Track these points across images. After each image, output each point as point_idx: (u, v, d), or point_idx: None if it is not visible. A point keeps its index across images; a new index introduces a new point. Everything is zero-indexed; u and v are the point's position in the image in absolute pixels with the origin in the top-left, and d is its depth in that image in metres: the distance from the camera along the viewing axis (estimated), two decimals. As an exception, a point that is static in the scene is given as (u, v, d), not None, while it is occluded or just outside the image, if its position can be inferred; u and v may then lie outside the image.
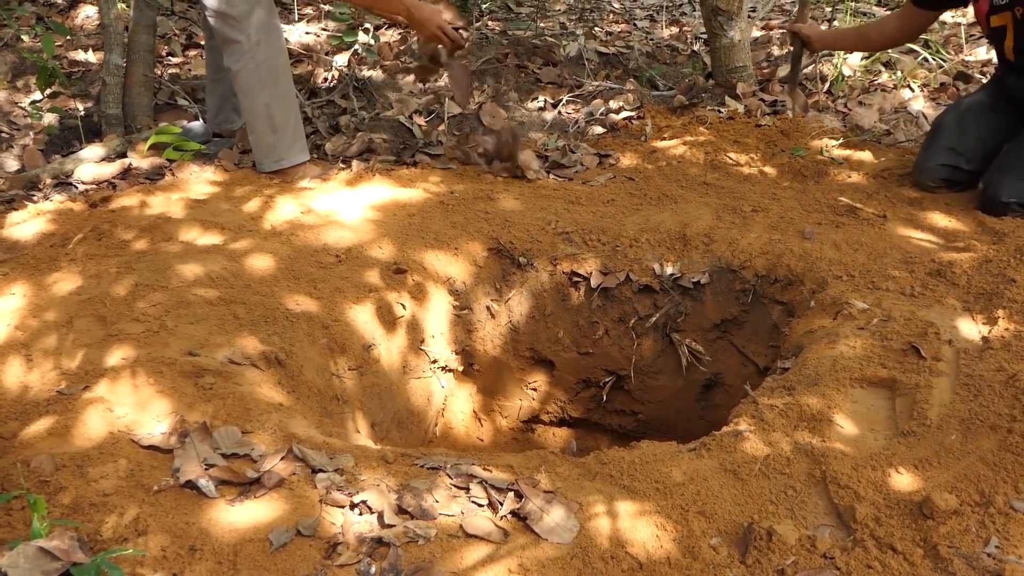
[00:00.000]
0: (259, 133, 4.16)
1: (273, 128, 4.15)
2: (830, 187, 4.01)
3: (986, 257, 3.30)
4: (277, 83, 4.11)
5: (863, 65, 5.49)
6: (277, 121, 4.14)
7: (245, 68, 4.01)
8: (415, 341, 3.51)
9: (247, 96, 4.10)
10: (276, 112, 4.13)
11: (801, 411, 2.57)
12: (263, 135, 4.16)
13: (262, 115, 4.11)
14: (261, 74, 4.04)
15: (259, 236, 3.57)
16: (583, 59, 5.84)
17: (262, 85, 4.05)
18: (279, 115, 4.14)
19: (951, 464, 2.33)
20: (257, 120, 4.13)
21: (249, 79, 4.04)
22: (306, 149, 4.28)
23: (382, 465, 2.34)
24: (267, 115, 4.11)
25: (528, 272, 3.77)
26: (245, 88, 4.07)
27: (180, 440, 2.32)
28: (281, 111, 4.15)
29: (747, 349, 3.67)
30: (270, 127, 4.14)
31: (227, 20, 3.93)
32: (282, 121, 4.16)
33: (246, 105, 4.14)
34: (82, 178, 4.19)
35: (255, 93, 4.07)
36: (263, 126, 4.14)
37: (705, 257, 3.69)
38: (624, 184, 4.22)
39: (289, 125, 4.19)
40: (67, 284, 3.14)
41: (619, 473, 2.36)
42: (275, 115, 4.13)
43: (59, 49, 5.67)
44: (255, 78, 4.04)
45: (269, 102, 4.09)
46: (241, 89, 4.10)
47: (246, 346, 2.86)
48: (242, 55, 3.99)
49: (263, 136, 4.16)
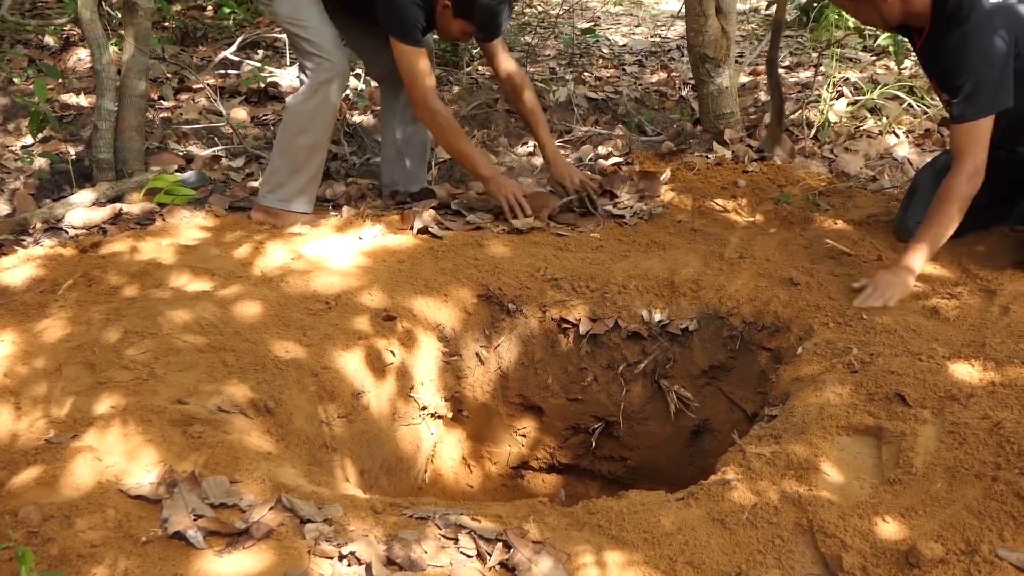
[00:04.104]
0: (278, 167, 4.23)
1: (294, 170, 4.21)
2: (817, 233, 4.04)
3: (972, 305, 3.33)
4: (321, 134, 4.19)
5: (849, 111, 5.55)
6: (300, 165, 4.20)
7: (305, 102, 4.11)
8: (404, 388, 3.51)
9: (288, 129, 4.18)
10: (303, 157, 4.20)
11: (788, 459, 2.58)
12: (280, 171, 4.22)
13: (290, 152, 4.19)
14: (314, 115, 4.12)
15: (249, 282, 3.58)
16: (572, 104, 5.90)
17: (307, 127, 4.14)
18: (305, 161, 4.21)
19: (937, 512, 2.34)
20: (284, 155, 4.21)
21: (301, 115, 4.13)
22: (311, 204, 4.32)
23: (371, 515, 2.34)
24: (294, 155, 4.18)
25: (517, 319, 3.78)
26: (291, 121, 4.17)
27: (168, 490, 2.32)
28: (309, 159, 4.23)
29: (735, 395, 3.68)
30: (292, 167, 4.21)
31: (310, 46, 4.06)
32: (305, 168, 4.23)
33: (282, 136, 4.22)
34: (73, 223, 4.21)
35: (296, 130, 4.16)
36: (286, 163, 4.20)
37: (693, 304, 3.71)
38: (612, 230, 4.25)
39: (308, 175, 4.25)
40: (56, 331, 3.14)
41: (607, 523, 2.36)
42: (301, 159, 4.20)
43: (51, 92, 5.69)
44: (308, 117, 4.13)
45: (305, 145, 4.18)
46: (288, 120, 4.19)
47: (235, 394, 2.86)
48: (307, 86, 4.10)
49: (279, 172, 4.22)
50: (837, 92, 5.78)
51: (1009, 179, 3.69)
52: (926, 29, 3.51)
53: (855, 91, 5.86)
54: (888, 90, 5.62)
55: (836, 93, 5.75)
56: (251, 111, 5.84)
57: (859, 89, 5.84)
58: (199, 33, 7.24)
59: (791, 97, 5.86)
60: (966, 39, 3.35)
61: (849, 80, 6.03)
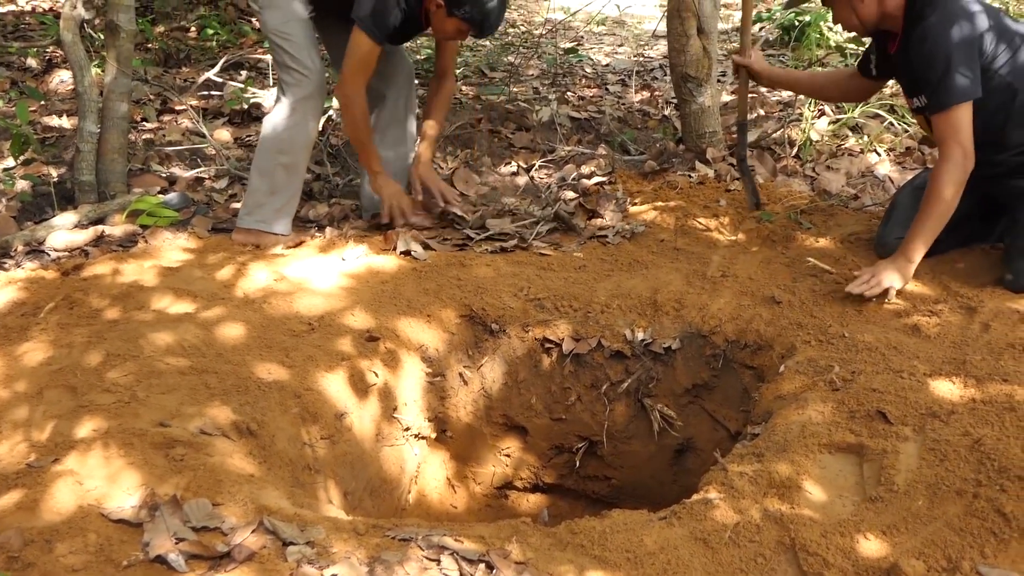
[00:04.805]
0: (256, 187, 4.24)
1: (272, 190, 4.23)
2: (799, 252, 4.06)
3: (952, 323, 3.35)
4: (299, 154, 4.23)
5: (831, 130, 5.58)
6: (279, 186, 4.21)
7: (283, 121, 4.14)
8: (388, 409, 3.51)
9: (266, 149, 4.21)
10: (282, 177, 4.22)
11: (770, 478, 2.59)
12: (259, 191, 4.24)
13: (268, 172, 4.21)
14: (292, 135, 4.15)
15: (231, 304, 3.57)
16: (555, 124, 5.91)
17: (285, 147, 4.18)
18: (284, 181, 4.23)
19: (918, 530, 2.35)
20: (262, 175, 4.23)
21: (279, 135, 4.16)
22: (290, 225, 4.34)
23: (353, 537, 2.34)
24: (272, 175, 4.20)
25: (500, 339, 3.79)
26: (269, 141, 4.20)
27: (150, 513, 2.32)
28: (288, 179, 4.25)
29: (718, 414, 3.69)
30: (270, 187, 4.23)
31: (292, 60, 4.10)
32: (284, 189, 4.25)
33: (259, 156, 4.24)
34: (55, 245, 4.19)
35: (274, 150, 4.19)
36: (265, 183, 4.22)
37: (676, 323, 3.72)
38: (595, 250, 4.26)
39: (287, 195, 4.28)
40: (38, 354, 3.14)
41: (590, 543, 2.37)
42: (280, 179, 4.22)
43: (33, 114, 5.69)
44: (286, 137, 4.16)
45: (283, 164, 4.20)
46: (265, 139, 4.21)
47: (217, 416, 2.86)
48: (284, 104, 4.13)
49: (258, 192, 4.24)
50: (818, 111, 5.81)
51: (990, 196, 3.72)
52: (899, 33, 3.61)
53: (836, 110, 5.89)
54: (869, 109, 5.66)
55: (817, 112, 5.78)
56: (234, 132, 5.84)
57: (840, 108, 5.88)
58: (182, 54, 7.24)
59: (773, 116, 5.90)
60: (931, 31, 3.43)
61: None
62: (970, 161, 3.44)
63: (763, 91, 6.50)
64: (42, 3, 8.26)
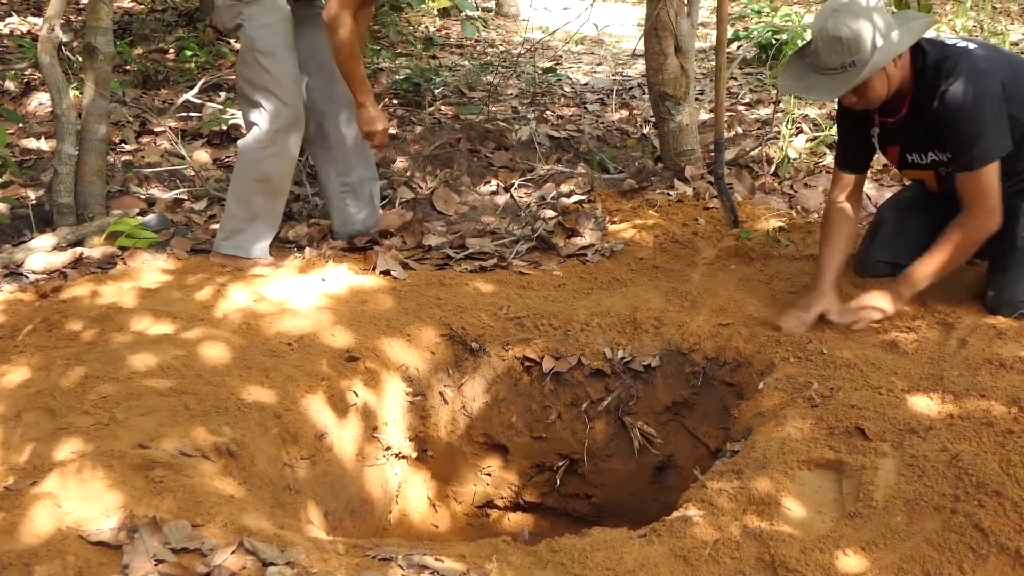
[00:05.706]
0: (234, 214, 4.22)
1: (251, 217, 4.20)
2: (777, 269, 4.08)
3: (930, 338, 3.37)
4: (279, 182, 4.22)
5: (808, 147, 5.61)
6: (257, 212, 4.20)
7: (261, 151, 4.11)
8: (368, 429, 3.51)
9: (244, 177, 4.18)
10: (261, 205, 4.21)
11: (750, 495, 2.59)
12: (236, 217, 4.22)
13: (246, 200, 4.19)
14: (272, 165, 4.13)
15: (211, 325, 3.57)
16: (534, 143, 5.93)
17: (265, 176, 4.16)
18: (263, 208, 4.22)
19: (897, 545, 2.36)
20: (240, 203, 4.20)
21: (259, 164, 4.14)
22: (267, 249, 4.32)
23: (334, 557, 2.34)
24: (250, 203, 4.18)
25: (481, 358, 3.79)
26: (247, 169, 4.16)
27: (129, 535, 2.31)
28: (267, 206, 4.23)
29: (698, 431, 3.70)
30: (248, 215, 4.20)
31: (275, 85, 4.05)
32: (263, 215, 4.23)
33: (237, 184, 4.20)
34: (33, 268, 4.18)
35: (253, 178, 4.16)
36: (242, 210, 4.19)
37: (655, 340, 3.73)
38: (574, 268, 4.27)
39: (265, 221, 4.26)
40: (16, 376, 3.12)
41: (570, 561, 2.37)
42: (258, 206, 4.20)
43: (11, 136, 5.67)
44: (266, 166, 4.14)
45: (262, 192, 4.19)
46: (244, 168, 4.18)
47: (197, 437, 2.85)
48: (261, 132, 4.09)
49: (235, 219, 4.22)
50: (796, 128, 5.85)
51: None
52: (908, 96, 3.48)
53: (814, 127, 5.93)
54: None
55: (795, 129, 5.82)
56: (213, 153, 5.83)
57: (818, 125, 5.92)
58: (160, 76, 7.24)
59: (752, 134, 5.93)
60: (957, 98, 3.31)
61: (808, 116, 6.10)
62: (995, 222, 3.40)
63: (741, 109, 6.55)
64: (20, 26, 8.25)
